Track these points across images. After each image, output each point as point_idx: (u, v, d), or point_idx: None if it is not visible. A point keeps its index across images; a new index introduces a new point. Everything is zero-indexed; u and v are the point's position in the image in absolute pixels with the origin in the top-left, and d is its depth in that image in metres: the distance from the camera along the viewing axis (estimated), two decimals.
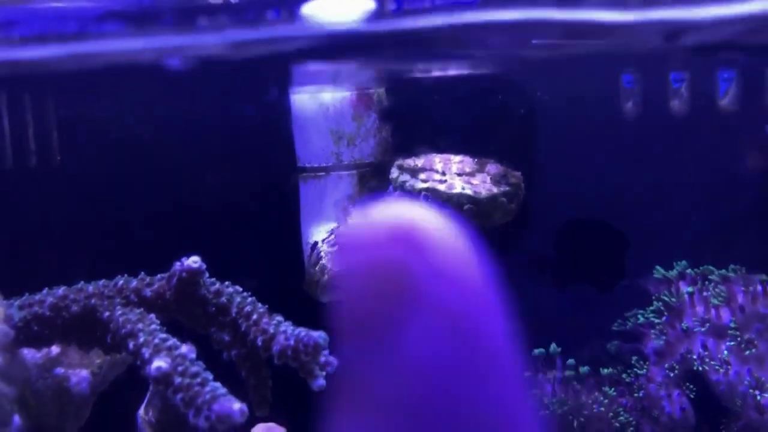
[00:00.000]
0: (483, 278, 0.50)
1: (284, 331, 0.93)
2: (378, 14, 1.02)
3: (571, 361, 1.45)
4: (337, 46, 1.17)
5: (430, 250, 0.48)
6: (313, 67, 1.35)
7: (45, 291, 1.02)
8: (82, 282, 1.03)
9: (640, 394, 1.41)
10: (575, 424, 1.38)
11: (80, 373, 1.14)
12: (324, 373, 0.91)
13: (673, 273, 1.48)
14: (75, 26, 1.03)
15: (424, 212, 0.49)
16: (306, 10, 1.06)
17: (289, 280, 1.34)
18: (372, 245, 0.48)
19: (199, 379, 0.87)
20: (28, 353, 1.10)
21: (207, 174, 1.50)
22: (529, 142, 1.52)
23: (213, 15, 1.02)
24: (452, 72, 1.42)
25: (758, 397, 1.28)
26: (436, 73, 1.40)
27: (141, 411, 1.36)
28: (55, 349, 1.13)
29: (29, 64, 1.11)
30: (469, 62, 1.44)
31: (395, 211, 0.49)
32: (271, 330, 0.94)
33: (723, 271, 1.44)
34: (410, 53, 1.27)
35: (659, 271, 1.48)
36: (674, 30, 1.12)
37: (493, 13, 1.03)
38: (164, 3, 0.99)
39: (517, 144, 1.50)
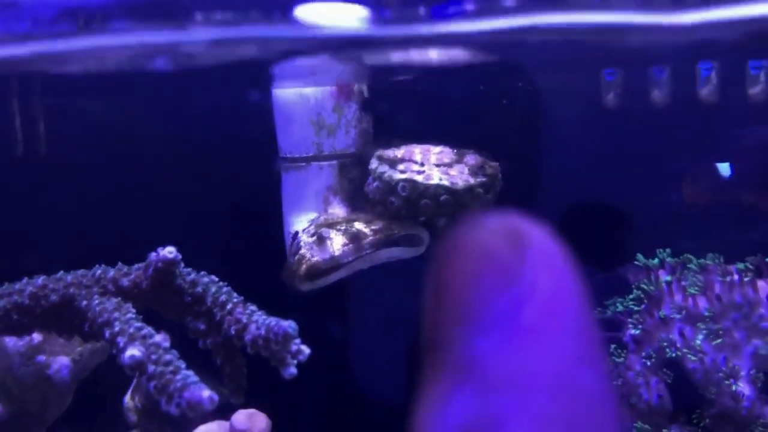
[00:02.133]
0: (573, 270, 0.54)
1: (256, 321, 0.95)
2: (373, 21, 1.03)
3: None
4: (329, 49, 1.18)
5: (535, 247, 0.51)
6: (298, 63, 1.35)
7: (24, 280, 1.05)
8: (61, 272, 1.05)
9: (619, 382, 1.43)
10: None
11: (61, 360, 1.16)
12: (295, 362, 0.93)
13: (654, 262, 1.49)
14: (60, 20, 1.04)
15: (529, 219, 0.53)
16: (299, 12, 1.07)
17: (270, 270, 1.35)
18: (487, 241, 0.51)
19: (171, 368, 0.89)
20: (10, 341, 1.12)
21: (189, 165, 1.52)
22: (509, 132, 1.54)
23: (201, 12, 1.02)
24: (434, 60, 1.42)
25: (733, 386, 1.30)
26: (417, 61, 1.40)
27: (127, 397, 1.39)
28: (37, 337, 1.16)
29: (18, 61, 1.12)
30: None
31: (502, 219, 0.53)
32: (244, 319, 0.96)
33: (701, 261, 1.45)
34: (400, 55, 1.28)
35: (640, 260, 1.49)
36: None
37: (487, 21, 1.04)
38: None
39: (498, 134, 1.51)
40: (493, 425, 0.49)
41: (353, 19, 1.09)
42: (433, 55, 1.36)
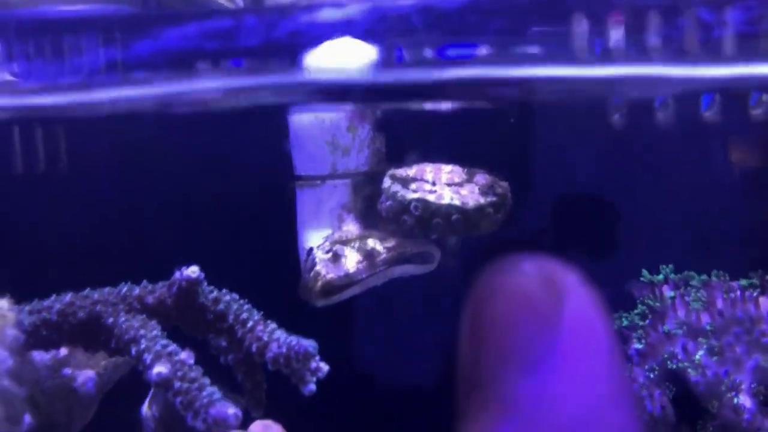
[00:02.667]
0: (607, 319, 0.58)
1: (277, 339, 0.99)
2: (383, 64, 1.07)
3: None
4: (338, 94, 1.22)
5: (574, 295, 0.56)
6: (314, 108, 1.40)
7: (53, 297, 1.09)
8: (87, 289, 1.09)
9: None
10: None
11: (86, 373, 1.20)
12: (314, 379, 0.97)
13: (659, 277, 1.53)
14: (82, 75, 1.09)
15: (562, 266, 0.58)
16: (309, 59, 1.12)
17: (286, 286, 1.39)
18: (529, 288, 0.56)
19: (197, 384, 0.93)
20: (37, 355, 1.16)
21: (208, 182, 1.56)
22: (519, 150, 1.57)
23: (216, 61, 1.07)
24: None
25: (735, 399, 1.33)
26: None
27: (145, 407, 1.42)
28: (63, 351, 1.20)
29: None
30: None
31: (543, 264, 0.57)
32: (265, 337, 1.00)
33: (704, 277, 1.48)
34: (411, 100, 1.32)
35: (645, 276, 1.53)
36: None
37: (497, 69, 1.08)
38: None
39: (507, 153, 1.55)
40: None
41: (363, 61, 1.13)
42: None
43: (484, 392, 0.55)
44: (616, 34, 1.16)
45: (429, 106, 1.34)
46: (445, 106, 1.34)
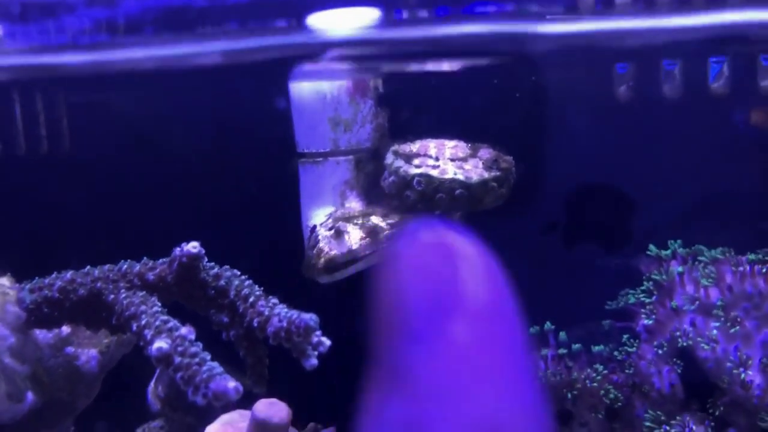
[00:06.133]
0: (502, 283, 0.56)
1: (278, 314, 0.98)
2: (384, 23, 1.06)
3: (563, 335, 1.51)
4: (341, 53, 1.21)
5: (465, 261, 0.54)
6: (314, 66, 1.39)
7: (54, 275, 1.08)
8: (88, 266, 1.09)
9: (631, 371, 1.46)
10: (569, 397, 1.43)
11: (89, 352, 1.20)
12: (316, 353, 0.96)
13: (666, 252, 1.51)
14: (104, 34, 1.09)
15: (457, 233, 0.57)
16: (312, 19, 1.10)
17: (288, 263, 1.38)
18: (421, 256, 0.55)
19: (197, 359, 0.93)
20: (40, 333, 1.16)
21: (210, 160, 1.55)
22: (523, 125, 1.55)
23: (222, 21, 1.06)
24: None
25: (743, 375, 1.31)
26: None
27: (151, 386, 1.43)
28: (65, 329, 1.20)
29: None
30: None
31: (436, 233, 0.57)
32: (266, 312, 0.99)
33: (713, 251, 1.46)
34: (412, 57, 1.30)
35: (653, 250, 1.51)
36: None
37: (493, 25, 1.07)
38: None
39: (512, 127, 1.53)
40: None
41: (365, 22, 1.12)
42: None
43: (380, 363, 0.55)
44: None
45: (432, 68, 1.32)
46: (448, 66, 1.33)
